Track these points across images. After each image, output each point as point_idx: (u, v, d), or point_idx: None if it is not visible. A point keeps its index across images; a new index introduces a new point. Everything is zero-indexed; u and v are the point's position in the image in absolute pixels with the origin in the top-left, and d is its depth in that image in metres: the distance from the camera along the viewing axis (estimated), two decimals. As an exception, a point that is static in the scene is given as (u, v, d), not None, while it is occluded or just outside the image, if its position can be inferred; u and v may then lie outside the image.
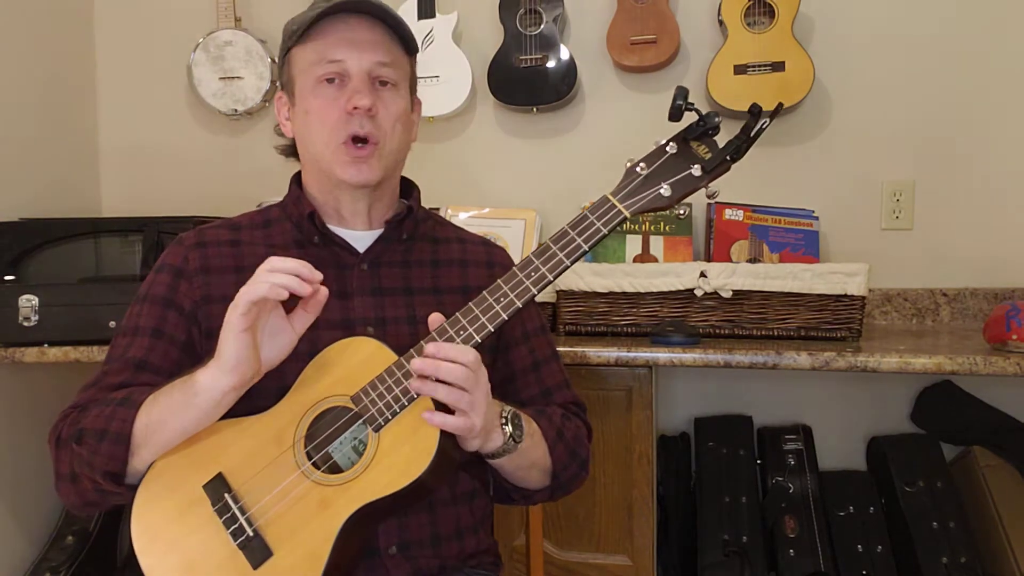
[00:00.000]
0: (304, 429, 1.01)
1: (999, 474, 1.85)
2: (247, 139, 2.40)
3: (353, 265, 1.15)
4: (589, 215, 1.01)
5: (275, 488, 0.99)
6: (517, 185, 2.24)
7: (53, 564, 2.08)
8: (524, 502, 1.20)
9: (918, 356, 1.49)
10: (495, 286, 1.00)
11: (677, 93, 1.01)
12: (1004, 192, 2.00)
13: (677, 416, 2.15)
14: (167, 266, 1.14)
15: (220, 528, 0.99)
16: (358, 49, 1.09)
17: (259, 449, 1.01)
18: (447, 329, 0.99)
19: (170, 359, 1.09)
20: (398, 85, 1.13)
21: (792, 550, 1.81)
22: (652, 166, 1.02)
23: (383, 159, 1.12)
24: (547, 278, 1.00)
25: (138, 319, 1.12)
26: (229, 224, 1.19)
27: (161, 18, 2.44)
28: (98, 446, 0.99)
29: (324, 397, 1.01)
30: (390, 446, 0.99)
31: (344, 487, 0.98)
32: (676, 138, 1.03)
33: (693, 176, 1.01)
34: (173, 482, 1.01)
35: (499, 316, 0.99)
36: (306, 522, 0.98)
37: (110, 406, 1.02)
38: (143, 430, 0.99)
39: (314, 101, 1.10)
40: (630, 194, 1.01)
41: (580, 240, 1.00)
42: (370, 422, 0.99)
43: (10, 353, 1.83)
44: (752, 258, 1.89)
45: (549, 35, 2.12)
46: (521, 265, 1.01)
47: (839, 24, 2.07)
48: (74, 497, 1.06)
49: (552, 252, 1.00)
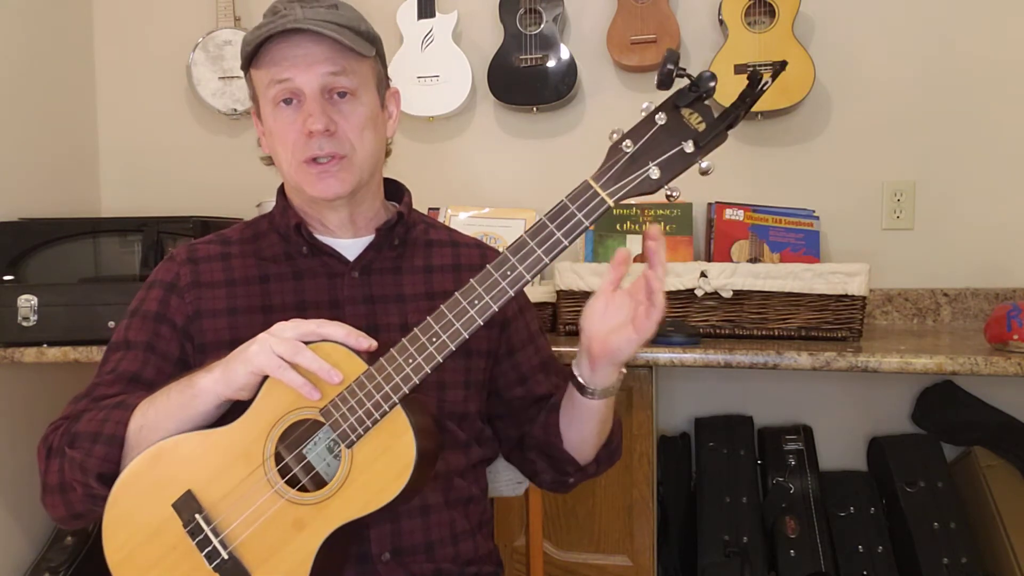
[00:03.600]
0: (273, 444, 0.97)
1: (1000, 474, 1.84)
2: (247, 139, 2.39)
3: (344, 273, 1.14)
4: (569, 205, 0.91)
5: (248, 508, 0.96)
6: (517, 185, 2.24)
7: (52, 564, 2.08)
8: (580, 477, 1.18)
9: (919, 356, 1.49)
10: (469, 287, 0.93)
11: (667, 57, 0.87)
12: (1005, 192, 2.00)
13: (677, 416, 2.15)
14: (159, 282, 1.14)
15: (192, 549, 0.96)
16: (305, 66, 1.05)
17: (228, 465, 0.97)
18: (419, 336, 0.93)
19: (164, 374, 1.09)
20: (357, 92, 1.09)
21: (792, 550, 1.81)
22: (639, 142, 0.90)
23: (354, 169, 1.09)
24: (524, 278, 0.92)
25: (130, 333, 1.11)
26: (220, 239, 1.18)
27: (160, 18, 2.44)
28: (92, 448, 0.98)
29: (291, 409, 0.96)
30: (365, 462, 0.94)
31: (319, 507, 0.95)
32: (665, 106, 0.90)
33: (685, 153, 0.89)
34: (140, 498, 0.98)
35: (474, 321, 0.93)
36: (283, 543, 0.96)
37: (103, 410, 1.02)
38: (138, 432, 0.99)
39: (274, 124, 1.09)
40: (614, 178, 0.90)
41: (559, 234, 0.91)
42: (342, 438, 0.94)
43: (9, 353, 1.83)
44: (752, 258, 1.89)
45: (549, 35, 2.11)
46: (496, 264, 0.93)
47: (839, 24, 2.06)
48: (62, 509, 1.05)
49: (529, 248, 0.92)
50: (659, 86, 0.89)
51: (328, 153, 1.07)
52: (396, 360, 0.93)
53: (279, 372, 0.93)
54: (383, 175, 1.21)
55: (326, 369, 0.92)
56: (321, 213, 1.15)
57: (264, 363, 0.93)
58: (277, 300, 1.12)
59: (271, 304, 1.11)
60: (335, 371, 0.93)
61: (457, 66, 2.19)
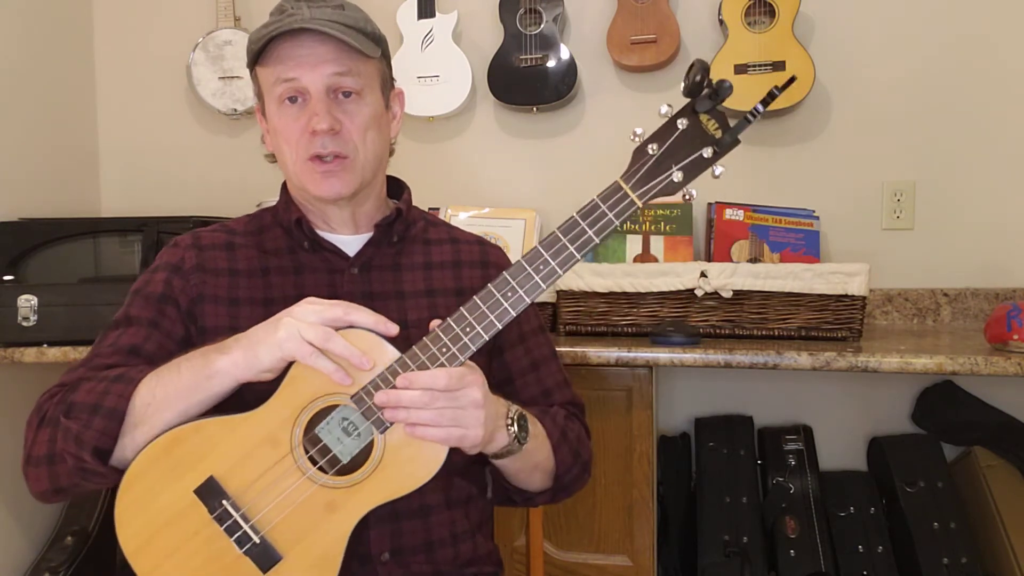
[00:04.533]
0: (302, 430, 0.97)
1: (1000, 474, 1.84)
2: (247, 139, 2.39)
3: (343, 270, 1.14)
4: (600, 204, 0.94)
5: (279, 494, 0.97)
6: (517, 185, 2.24)
7: (52, 564, 2.07)
8: (525, 504, 1.20)
9: (919, 356, 1.49)
10: (502, 280, 0.95)
11: (699, 67, 0.92)
12: (1005, 192, 2.00)
13: (677, 416, 2.15)
14: (163, 264, 1.14)
15: (220, 534, 0.97)
16: (311, 65, 1.06)
17: (253, 451, 0.97)
18: (453, 326, 0.95)
19: (165, 350, 1.07)
20: (362, 92, 1.09)
21: (792, 550, 1.81)
22: (663, 146, 0.94)
23: (356, 170, 1.10)
24: (556, 272, 0.95)
25: (132, 310, 1.10)
26: (224, 228, 1.19)
27: (160, 18, 2.44)
28: (91, 420, 0.97)
29: (320, 395, 0.97)
30: (397, 447, 0.96)
31: (352, 490, 0.97)
32: (686, 111, 0.95)
33: (704, 158, 0.94)
34: (157, 484, 0.97)
35: (508, 313, 0.95)
36: (315, 526, 0.97)
37: (103, 382, 1.00)
38: (143, 408, 0.97)
39: (278, 122, 1.10)
40: (642, 180, 0.94)
41: (591, 232, 0.94)
42: (376, 425, 0.96)
43: (9, 353, 1.83)
44: (752, 258, 1.89)
45: (549, 35, 2.11)
46: (529, 258, 0.95)
47: (839, 24, 2.06)
48: (46, 482, 1.01)
49: (561, 245, 0.94)
50: (686, 94, 0.94)
51: (332, 152, 1.07)
52: (430, 349, 0.95)
53: (311, 359, 0.93)
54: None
55: (358, 355, 0.93)
56: (323, 210, 1.16)
57: (294, 349, 0.93)
58: (277, 293, 1.12)
59: (271, 297, 1.11)
60: (367, 358, 0.94)
61: (457, 66, 2.19)
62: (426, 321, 0.98)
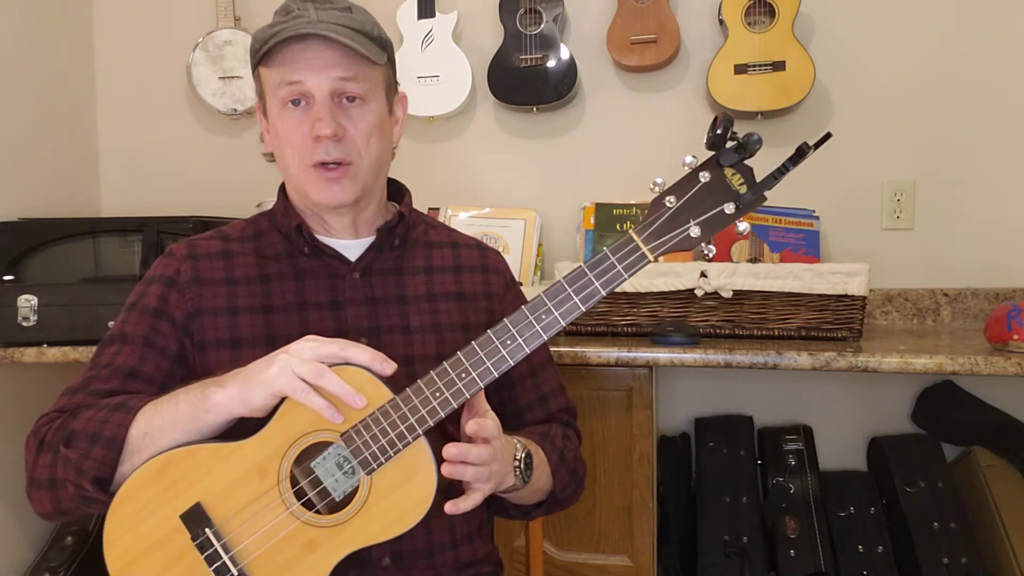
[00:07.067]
0: (290, 464, 0.96)
1: (1000, 474, 1.84)
2: (247, 139, 2.39)
3: (345, 274, 1.13)
4: (610, 256, 0.92)
5: (261, 527, 0.96)
6: (517, 185, 2.24)
7: (52, 564, 2.08)
8: (522, 518, 1.20)
9: (919, 356, 1.49)
10: (502, 327, 0.93)
11: (723, 121, 0.88)
12: (1005, 192, 2.00)
13: (677, 416, 2.15)
14: (158, 277, 1.13)
15: (199, 562, 0.96)
16: (317, 70, 1.05)
17: (240, 481, 0.96)
18: (448, 371, 0.94)
19: (162, 370, 1.08)
20: (367, 97, 1.08)
21: (792, 550, 1.81)
22: (682, 199, 0.90)
23: (359, 177, 1.09)
24: (559, 323, 0.93)
25: (127, 327, 1.10)
26: (220, 235, 1.17)
27: (160, 18, 2.44)
28: (90, 449, 0.97)
29: (310, 431, 0.95)
30: (384, 491, 0.95)
31: (334, 530, 0.95)
32: (709, 164, 0.91)
33: (726, 214, 0.90)
34: (147, 507, 0.97)
35: (505, 361, 0.93)
36: (294, 563, 0.96)
37: (103, 411, 1.00)
38: (140, 438, 0.97)
39: (281, 124, 1.08)
40: (656, 233, 0.91)
41: (597, 284, 0.92)
42: (363, 465, 0.94)
43: (9, 353, 1.83)
44: (752, 258, 1.89)
45: (549, 35, 2.11)
46: (531, 307, 0.93)
47: (839, 24, 2.06)
48: (48, 505, 1.03)
49: (566, 295, 0.92)
50: (709, 147, 0.89)
51: (336, 159, 1.06)
52: (423, 392, 0.93)
53: (301, 395, 0.92)
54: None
55: (351, 393, 0.92)
56: (323, 215, 1.15)
57: (285, 385, 0.92)
58: (278, 300, 1.11)
59: (272, 304, 1.11)
60: (360, 396, 0.92)
61: (457, 66, 2.19)
62: (428, 326, 0.98)
